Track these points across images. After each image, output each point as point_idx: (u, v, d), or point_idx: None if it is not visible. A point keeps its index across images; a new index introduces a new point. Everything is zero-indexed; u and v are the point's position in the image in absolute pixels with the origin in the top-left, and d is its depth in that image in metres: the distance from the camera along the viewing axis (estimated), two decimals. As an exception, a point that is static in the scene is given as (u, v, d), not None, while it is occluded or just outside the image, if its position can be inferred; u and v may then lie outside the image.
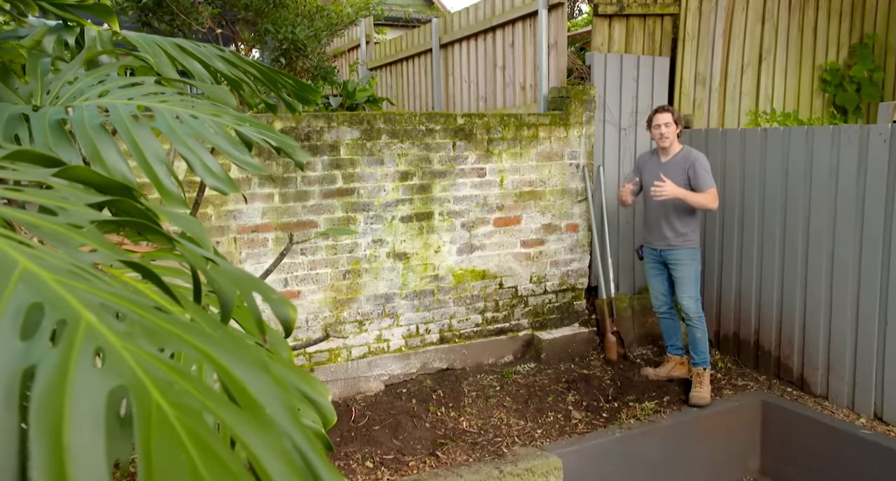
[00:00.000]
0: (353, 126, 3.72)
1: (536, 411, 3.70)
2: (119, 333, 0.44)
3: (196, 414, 0.44)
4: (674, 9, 4.82)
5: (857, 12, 5.59)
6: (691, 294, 3.77)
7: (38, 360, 0.39)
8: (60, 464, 0.35)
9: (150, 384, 0.43)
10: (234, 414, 0.48)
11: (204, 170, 1.19)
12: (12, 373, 0.38)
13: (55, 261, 0.48)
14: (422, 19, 12.89)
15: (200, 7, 3.70)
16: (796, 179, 3.81)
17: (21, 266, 0.44)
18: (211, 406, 0.46)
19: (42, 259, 0.47)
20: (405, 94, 6.96)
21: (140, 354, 0.44)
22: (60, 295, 0.44)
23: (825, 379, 3.74)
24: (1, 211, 0.52)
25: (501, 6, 5.06)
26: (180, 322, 0.53)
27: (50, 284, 0.44)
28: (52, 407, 0.37)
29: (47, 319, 0.42)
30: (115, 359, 0.42)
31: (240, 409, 0.49)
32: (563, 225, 4.43)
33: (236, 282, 0.74)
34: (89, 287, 0.47)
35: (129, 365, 0.43)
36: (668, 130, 3.71)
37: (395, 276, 3.96)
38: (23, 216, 0.54)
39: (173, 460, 0.40)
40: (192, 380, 0.47)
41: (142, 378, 0.43)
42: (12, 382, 0.37)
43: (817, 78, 5.52)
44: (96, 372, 0.40)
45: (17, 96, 1.33)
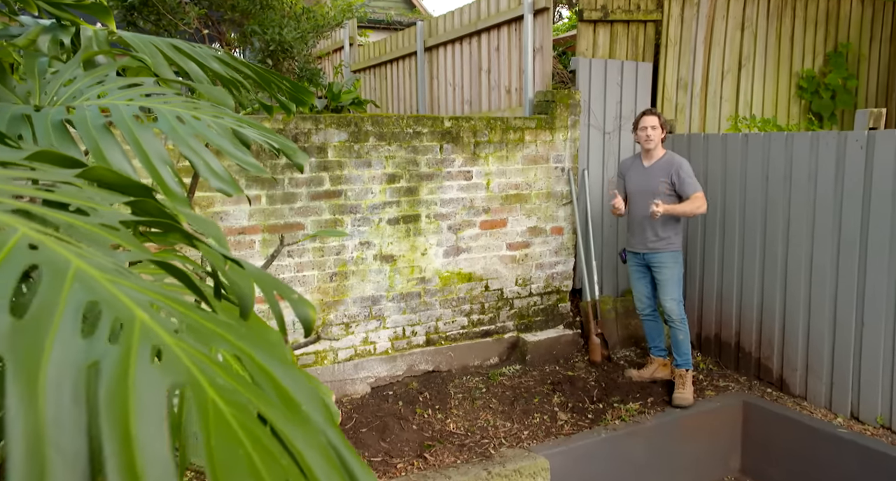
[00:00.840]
0: (340, 128, 3.72)
1: (522, 413, 3.73)
2: (170, 332, 0.45)
3: (247, 410, 0.45)
4: (656, 15, 4.90)
5: (831, 21, 5.73)
6: (674, 296, 3.83)
7: (100, 357, 0.40)
8: (130, 455, 0.36)
9: (205, 381, 0.44)
10: (276, 411, 0.49)
11: (208, 171, 1.19)
12: (78, 369, 0.38)
13: (101, 260, 0.48)
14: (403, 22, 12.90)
15: (187, 7, 3.68)
16: (776, 184, 3.90)
17: (74, 265, 0.44)
18: (257, 403, 0.47)
19: (90, 258, 0.47)
20: (389, 96, 6.96)
21: (191, 352, 0.45)
22: (113, 293, 0.44)
23: (804, 380, 3.83)
24: (41, 211, 0.52)
25: (487, 10, 5.10)
26: (220, 320, 0.54)
27: (103, 283, 0.44)
28: (118, 401, 0.38)
29: (104, 318, 0.43)
30: (170, 356, 0.43)
31: (280, 406, 0.50)
32: (549, 228, 4.47)
33: (258, 282, 0.75)
34: (136, 286, 0.48)
35: (183, 363, 0.43)
36: (654, 133, 3.77)
37: (381, 278, 3.96)
38: (60, 216, 0.54)
39: (233, 455, 0.41)
40: (237, 378, 0.48)
41: (197, 375, 0.43)
42: (79, 378, 0.38)
43: (794, 85, 5.65)
44: (155, 369, 0.41)
45: (14, 95, 1.32)
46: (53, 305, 0.41)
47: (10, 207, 0.50)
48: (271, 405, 0.49)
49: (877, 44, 5.96)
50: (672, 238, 3.82)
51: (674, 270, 3.83)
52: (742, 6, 5.24)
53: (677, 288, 3.84)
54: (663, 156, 3.83)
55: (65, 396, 0.37)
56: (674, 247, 3.83)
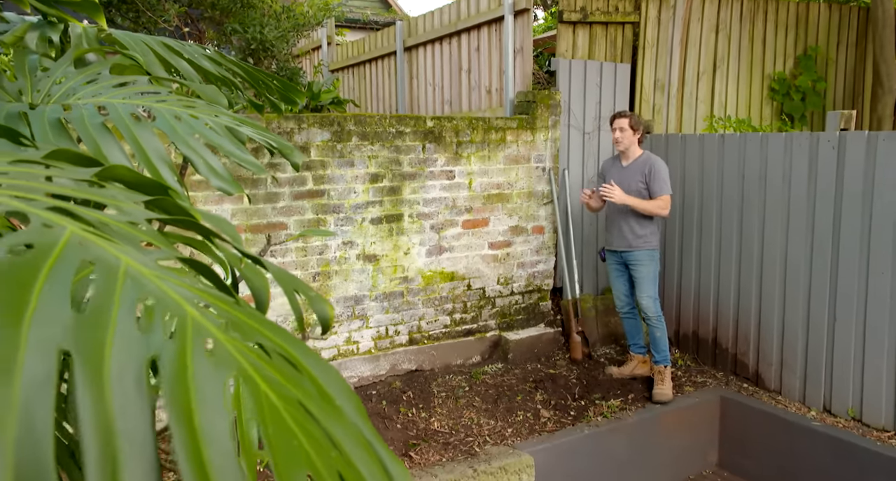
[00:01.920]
0: (323, 128, 3.71)
1: (506, 410, 3.76)
2: (219, 327, 0.46)
3: (296, 403, 0.46)
4: (634, 17, 4.98)
5: (801, 25, 5.88)
6: (650, 294, 3.90)
7: (159, 350, 0.41)
8: (196, 445, 0.37)
9: (257, 375, 0.45)
10: (316, 405, 0.50)
11: (208, 170, 1.19)
12: (139, 363, 0.39)
13: (144, 257, 0.49)
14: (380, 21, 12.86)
15: (167, 5, 3.63)
16: (752, 183, 3.99)
17: (123, 262, 0.45)
18: (301, 396, 0.48)
19: (135, 255, 0.48)
20: (368, 96, 6.94)
21: (240, 347, 0.46)
22: (164, 290, 0.45)
23: (778, 375, 3.92)
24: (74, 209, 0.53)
25: (467, 11, 5.12)
26: (257, 316, 0.54)
27: (152, 280, 0.45)
28: (181, 394, 0.39)
29: (157, 313, 0.43)
30: (222, 351, 0.44)
31: (319, 400, 0.51)
32: (530, 227, 4.51)
33: (278, 280, 0.75)
34: (180, 283, 0.49)
35: (235, 358, 0.44)
36: (622, 135, 3.84)
37: (365, 278, 3.95)
38: (94, 214, 0.54)
39: (290, 447, 0.42)
40: (282, 372, 0.49)
41: (248, 369, 0.44)
42: (140, 371, 0.39)
43: (766, 86, 5.78)
44: (211, 363, 0.42)
45: (6, 93, 1.30)
46: (109, 301, 0.41)
47: (50, 205, 0.50)
48: (312, 398, 0.50)
49: (843, 48, 6.13)
50: (648, 237, 3.88)
51: (649, 268, 3.90)
52: (716, 9, 5.35)
53: (653, 285, 3.91)
54: (640, 157, 3.89)
55: (129, 387, 0.38)
56: (650, 245, 3.89)
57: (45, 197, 0.53)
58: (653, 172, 3.80)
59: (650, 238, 3.89)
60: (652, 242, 3.89)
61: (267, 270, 0.72)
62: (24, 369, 0.34)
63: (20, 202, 0.47)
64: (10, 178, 0.55)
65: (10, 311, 0.36)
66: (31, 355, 0.35)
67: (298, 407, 0.46)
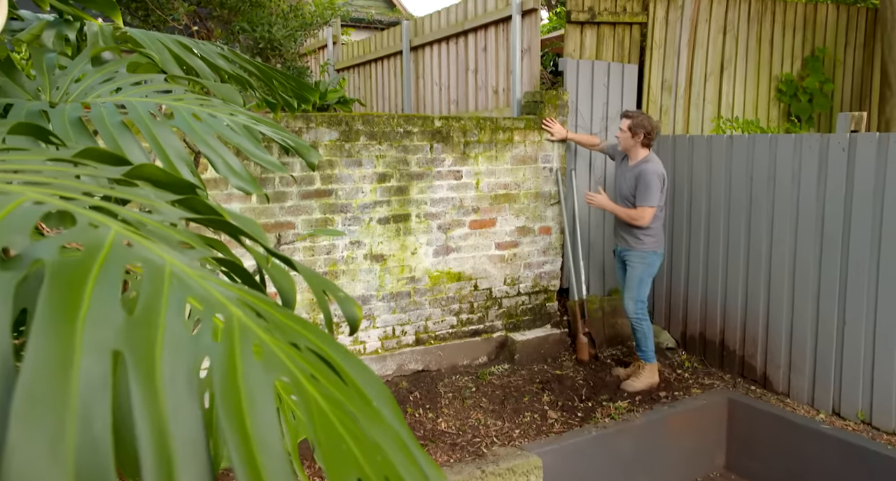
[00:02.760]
0: (331, 127, 3.70)
1: (513, 411, 3.75)
2: (264, 329, 0.46)
3: (341, 405, 0.46)
4: (642, 18, 4.96)
5: (808, 27, 5.86)
6: (631, 295, 3.93)
7: (208, 352, 0.40)
8: (250, 450, 0.37)
9: (304, 378, 0.44)
10: (357, 407, 0.49)
11: (227, 169, 1.19)
12: (190, 364, 0.39)
13: (186, 257, 0.49)
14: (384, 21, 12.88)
15: (176, 3, 3.63)
16: (760, 185, 3.97)
17: (168, 262, 0.44)
18: (343, 399, 0.48)
19: (178, 255, 0.47)
20: (374, 95, 6.94)
21: (285, 349, 0.45)
22: (209, 290, 0.44)
23: (787, 377, 3.91)
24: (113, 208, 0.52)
25: (474, 10, 5.11)
26: (295, 317, 0.54)
27: (197, 280, 0.45)
28: (233, 397, 0.38)
29: (205, 314, 0.43)
30: (269, 353, 0.43)
31: (359, 402, 0.51)
32: (537, 227, 4.50)
33: (308, 281, 0.75)
34: (222, 283, 0.48)
35: (281, 360, 0.44)
36: (620, 136, 3.87)
37: (372, 278, 3.95)
38: (131, 214, 0.54)
39: (339, 449, 0.42)
40: (324, 375, 0.48)
41: (295, 372, 0.44)
42: (191, 372, 0.38)
43: (774, 88, 5.76)
44: (260, 366, 0.41)
45: (25, 92, 1.30)
46: (158, 302, 0.41)
47: (91, 204, 0.49)
48: (353, 400, 0.49)
49: (851, 49, 6.11)
50: (644, 238, 3.88)
51: (638, 269, 3.91)
52: (724, 10, 5.33)
53: (638, 287, 3.91)
54: (641, 160, 3.88)
55: (181, 389, 0.37)
56: (645, 247, 3.89)
57: (83, 196, 0.52)
58: (640, 180, 3.79)
59: (646, 240, 3.88)
60: (648, 244, 3.89)
61: (296, 270, 0.71)
62: (81, 371, 0.34)
63: (64, 201, 0.47)
64: (46, 177, 0.55)
65: (65, 313, 0.35)
66: (87, 357, 0.34)
67: (344, 411, 0.45)
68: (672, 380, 4.15)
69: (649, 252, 3.89)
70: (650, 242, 3.89)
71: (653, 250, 3.90)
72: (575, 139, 4.34)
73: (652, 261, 3.91)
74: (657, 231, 3.91)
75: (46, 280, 0.36)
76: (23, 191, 0.44)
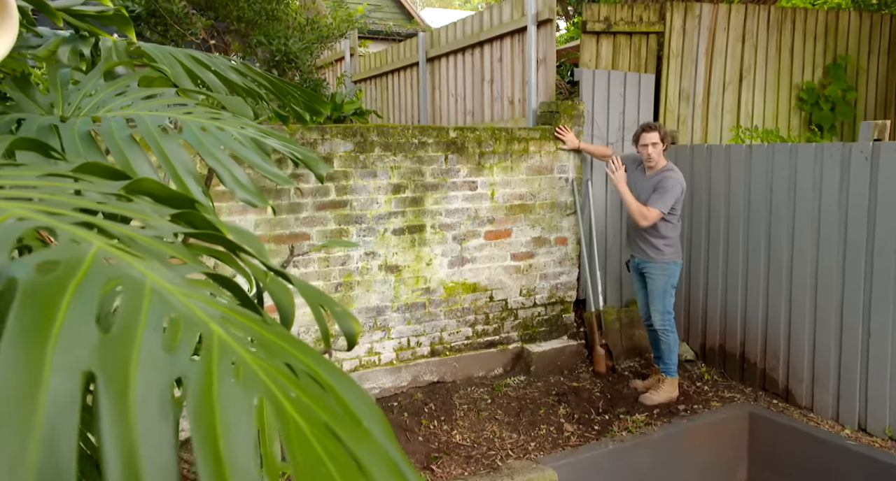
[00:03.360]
0: (346, 138, 3.72)
1: (528, 424, 3.71)
2: (246, 346, 0.45)
3: (323, 427, 0.45)
4: (658, 27, 4.94)
5: (830, 34, 5.78)
6: (657, 307, 3.88)
7: (184, 372, 0.39)
8: (221, 473, 0.36)
9: (283, 398, 0.43)
10: (344, 427, 0.48)
11: (234, 182, 1.19)
12: (164, 384, 0.38)
13: (171, 273, 0.48)
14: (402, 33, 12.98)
15: (194, 18, 3.69)
16: (780, 195, 3.91)
17: (149, 279, 0.44)
18: (328, 419, 0.47)
19: (161, 272, 0.47)
20: (390, 107, 6.98)
21: (267, 368, 0.45)
22: (190, 307, 0.44)
23: (810, 391, 3.82)
24: (103, 224, 0.52)
25: (490, 22, 5.13)
26: (283, 334, 0.53)
27: (178, 297, 0.44)
28: (207, 417, 0.37)
29: (184, 332, 0.42)
30: (249, 373, 0.43)
31: (347, 421, 0.50)
32: (553, 238, 4.47)
33: (304, 295, 0.74)
34: (206, 300, 0.48)
35: (262, 380, 0.43)
36: (654, 150, 3.79)
37: (386, 289, 3.95)
38: (120, 229, 0.54)
39: (317, 473, 0.40)
40: (309, 394, 0.47)
41: (275, 391, 0.43)
42: (165, 393, 0.38)
43: (794, 96, 5.69)
44: (238, 386, 0.41)
45: (38, 106, 1.32)
46: (136, 320, 0.40)
47: (77, 220, 0.49)
48: (339, 420, 0.48)
49: (875, 56, 6.01)
50: (663, 249, 3.84)
51: (660, 281, 3.87)
52: (743, 18, 5.28)
53: (663, 299, 3.87)
54: (663, 168, 3.84)
55: (153, 411, 0.37)
56: (664, 257, 3.85)
57: (73, 211, 0.52)
58: (661, 184, 3.76)
59: (665, 250, 3.84)
60: (667, 254, 3.84)
61: (292, 284, 0.70)
62: (49, 391, 0.33)
63: (48, 217, 0.46)
64: (40, 192, 0.55)
65: (35, 331, 0.35)
66: (56, 377, 0.34)
67: (326, 431, 0.44)
68: (691, 393, 4.08)
69: (669, 262, 3.85)
70: (670, 253, 3.84)
71: (672, 260, 3.86)
72: (587, 149, 4.32)
73: (672, 272, 3.87)
74: (675, 241, 3.86)
75: (18, 298, 0.35)
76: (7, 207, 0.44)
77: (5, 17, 1.02)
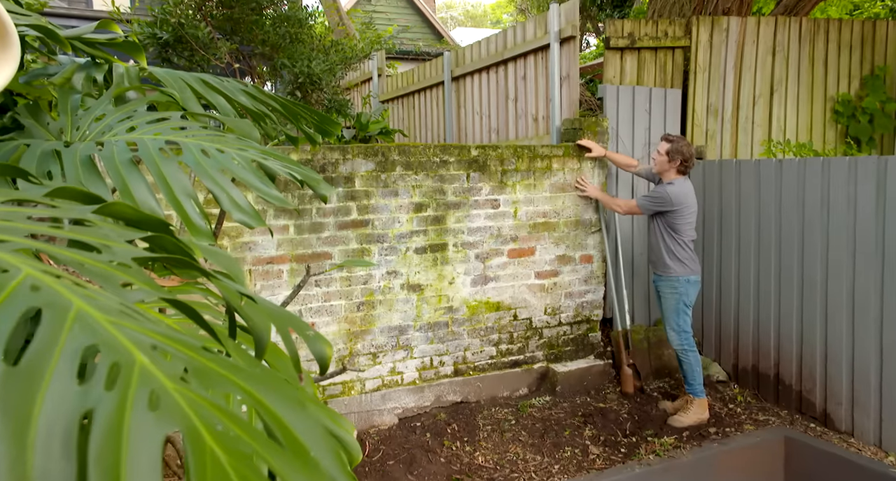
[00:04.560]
0: (367, 158, 3.75)
1: (553, 446, 3.63)
2: (171, 376, 0.44)
3: (247, 458, 0.43)
4: (684, 42, 4.88)
5: (867, 45, 5.62)
6: (671, 325, 3.85)
7: (95, 404, 0.38)
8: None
9: (204, 429, 0.42)
10: (282, 459, 0.47)
11: (231, 204, 1.20)
12: (70, 419, 0.37)
13: (105, 301, 0.47)
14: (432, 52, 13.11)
15: (219, 43, 3.78)
16: (813, 210, 3.79)
17: (76, 307, 0.43)
18: (260, 450, 0.45)
19: (94, 299, 0.46)
20: (417, 125, 7.03)
21: (192, 397, 0.43)
22: (114, 336, 0.43)
23: (850, 415, 3.65)
24: (48, 249, 0.52)
25: (514, 40, 5.14)
26: (226, 362, 0.52)
27: (104, 325, 0.43)
28: (110, 453, 0.36)
29: (102, 361, 0.41)
30: (168, 403, 0.41)
31: (287, 453, 0.48)
32: (578, 256, 4.40)
33: (273, 318, 0.73)
34: (140, 327, 0.47)
35: (182, 410, 0.42)
36: (658, 158, 3.83)
37: (409, 308, 3.93)
38: (69, 254, 0.53)
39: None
40: (241, 424, 0.46)
41: (195, 422, 0.42)
42: (71, 428, 0.37)
43: (829, 109, 5.53)
44: (152, 417, 0.39)
45: (48, 132, 1.35)
46: (50, 349, 0.39)
47: (20, 246, 0.49)
48: (277, 453, 0.47)
49: (914, 66, 5.81)
50: (673, 266, 3.79)
51: (671, 298, 3.84)
52: (773, 31, 5.18)
53: (676, 317, 3.82)
54: (668, 183, 3.79)
55: (54, 449, 0.35)
56: (670, 272, 3.81)
57: (21, 238, 0.52)
58: (653, 190, 3.86)
59: (672, 266, 3.78)
60: (677, 270, 3.78)
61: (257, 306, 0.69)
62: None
63: (-16, 245, 0.46)
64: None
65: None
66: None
67: (248, 463, 0.42)
68: (723, 415, 3.94)
69: (677, 278, 3.78)
70: (678, 268, 3.78)
71: (681, 276, 3.78)
72: (612, 158, 4.26)
73: (684, 290, 3.79)
74: (685, 257, 3.79)
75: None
76: (-61, 235, 0.44)
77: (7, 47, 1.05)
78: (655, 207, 3.79)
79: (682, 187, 3.75)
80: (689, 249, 3.80)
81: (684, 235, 3.78)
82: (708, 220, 4.53)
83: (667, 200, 3.73)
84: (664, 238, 3.80)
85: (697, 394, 3.80)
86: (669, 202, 3.73)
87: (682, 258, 3.78)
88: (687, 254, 3.79)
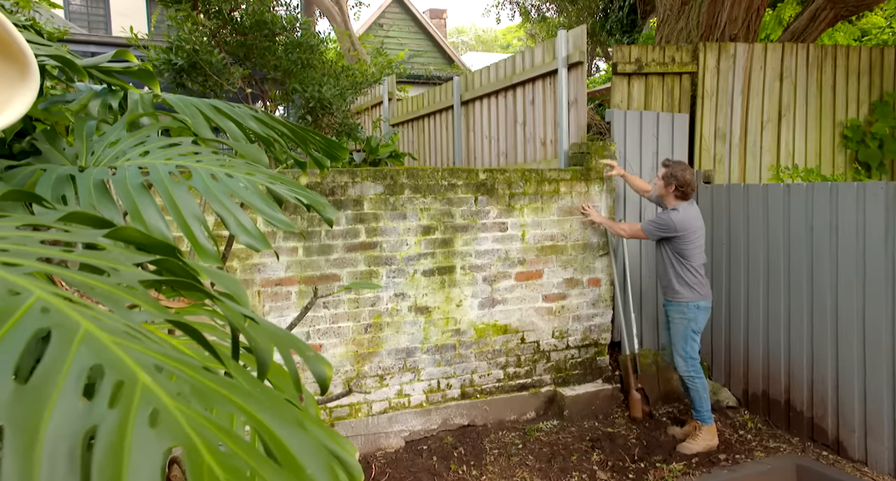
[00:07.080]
0: (376, 181, 3.80)
1: (560, 471, 3.60)
2: (172, 394, 0.46)
3: (243, 475, 0.45)
4: (692, 67, 4.92)
5: (875, 71, 5.65)
6: (679, 351, 3.83)
7: (99, 421, 0.40)
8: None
9: (202, 446, 0.44)
10: (278, 476, 0.48)
11: (238, 227, 1.23)
12: (75, 435, 0.39)
13: (111, 322, 0.50)
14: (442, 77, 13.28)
15: (232, 68, 3.87)
16: (822, 235, 3.78)
17: (83, 328, 0.45)
18: (256, 467, 0.47)
19: (100, 320, 0.48)
20: (427, 149, 7.10)
21: (192, 416, 0.45)
22: (118, 356, 0.45)
23: (863, 442, 3.60)
24: (59, 272, 0.54)
25: (522, 65, 5.21)
26: (226, 382, 0.54)
27: (109, 346, 0.45)
28: (111, 467, 0.38)
29: (106, 380, 0.43)
30: (169, 420, 0.43)
31: (284, 471, 0.50)
32: (585, 279, 4.40)
33: (274, 339, 0.75)
34: (143, 348, 0.49)
35: (182, 427, 0.44)
36: (657, 183, 3.87)
37: (416, 330, 3.94)
38: (79, 277, 0.56)
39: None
40: (239, 442, 0.47)
41: (194, 440, 0.44)
42: (75, 443, 0.39)
43: (838, 134, 5.54)
44: (152, 434, 0.41)
45: (64, 157, 1.39)
46: (58, 369, 0.42)
47: (33, 270, 0.52)
48: (274, 470, 0.48)
49: (923, 92, 5.82)
50: (680, 291, 3.79)
51: (679, 324, 3.82)
52: (780, 57, 5.22)
53: (684, 343, 3.81)
54: (670, 209, 3.80)
55: (60, 463, 0.37)
56: (677, 297, 3.80)
57: (34, 262, 0.55)
58: (657, 216, 3.87)
59: (681, 291, 3.77)
60: (684, 296, 3.77)
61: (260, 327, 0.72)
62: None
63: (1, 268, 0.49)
64: (8, 243, 0.58)
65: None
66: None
67: (244, 479, 0.44)
68: (733, 442, 3.89)
69: (686, 303, 3.77)
70: (686, 293, 3.76)
71: (690, 301, 3.76)
72: (629, 179, 4.23)
73: (692, 316, 3.77)
74: (694, 282, 3.77)
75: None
76: (-42, 259, 0.47)
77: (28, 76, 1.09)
78: (660, 233, 3.79)
79: (686, 213, 3.75)
80: (698, 274, 3.79)
81: (693, 260, 3.77)
82: (717, 245, 4.53)
83: (671, 227, 3.74)
84: (672, 263, 3.80)
85: (705, 421, 3.76)
86: (673, 228, 3.73)
87: (692, 283, 3.77)
88: (696, 280, 3.78)
